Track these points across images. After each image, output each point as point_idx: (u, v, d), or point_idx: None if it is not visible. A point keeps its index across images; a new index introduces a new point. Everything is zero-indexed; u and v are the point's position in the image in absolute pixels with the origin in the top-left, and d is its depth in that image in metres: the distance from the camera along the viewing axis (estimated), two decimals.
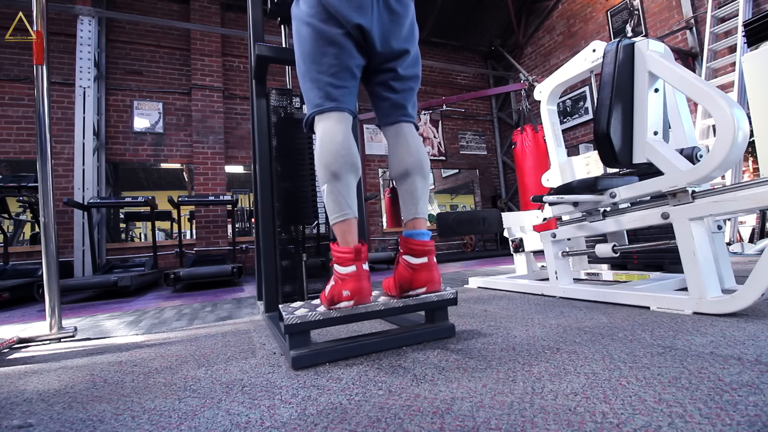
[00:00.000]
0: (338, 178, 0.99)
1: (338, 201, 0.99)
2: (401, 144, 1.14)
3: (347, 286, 0.95)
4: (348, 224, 0.98)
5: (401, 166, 1.13)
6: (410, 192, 1.11)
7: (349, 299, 0.95)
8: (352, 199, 1.01)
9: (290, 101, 1.70)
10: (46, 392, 0.93)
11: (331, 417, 0.68)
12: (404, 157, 1.13)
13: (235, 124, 5.79)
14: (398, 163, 1.13)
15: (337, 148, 1.00)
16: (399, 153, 1.14)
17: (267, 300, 1.49)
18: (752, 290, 1.10)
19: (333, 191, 0.99)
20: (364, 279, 0.97)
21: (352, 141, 1.04)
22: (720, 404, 0.60)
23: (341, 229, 0.98)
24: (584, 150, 5.69)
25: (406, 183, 1.12)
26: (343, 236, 0.98)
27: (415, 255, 1.03)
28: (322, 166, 1.01)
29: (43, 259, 1.57)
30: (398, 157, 1.14)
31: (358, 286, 0.94)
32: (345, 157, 1.00)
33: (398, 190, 1.15)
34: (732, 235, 3.58)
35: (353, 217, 1.00)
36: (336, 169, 0.99)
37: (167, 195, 4.58)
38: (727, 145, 1.18)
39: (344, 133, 1.03)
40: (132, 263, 4.41)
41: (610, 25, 5.63)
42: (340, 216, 0.99)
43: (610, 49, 1.50)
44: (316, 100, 1.06)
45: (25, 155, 4.70)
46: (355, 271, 0.95)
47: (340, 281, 0.96)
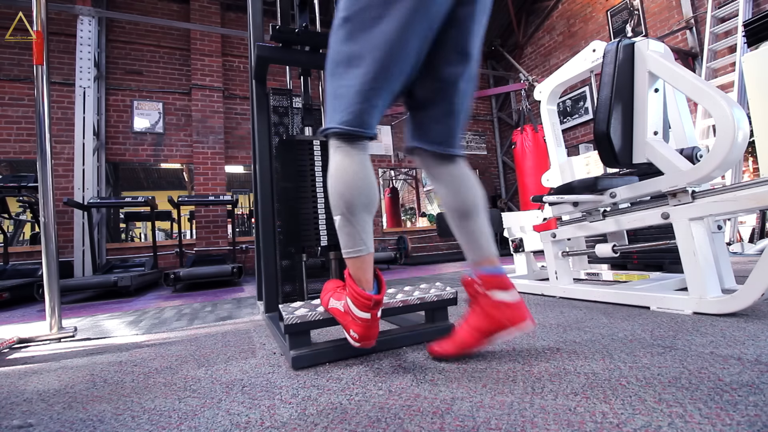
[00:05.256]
0: (355, 212, 0.89)
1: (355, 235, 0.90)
2: (465, 179, 1.03)
3: (357, 329, 0.90)
4: (363, 260, 0.90)
5: (466, 203, 1.01)
6: (481, 231, 1.02)
7: (356, 340, 0.92)
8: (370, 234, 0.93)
9: (290, 101, 1.70)
10: (46, 392, 0.93)
11: (331, 417, 0.68)
12: (470, 192, 1.02)
13: (235, 124, 5.79)
14: (462, 201, 1.01)
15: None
16: (462, 189, 1.02)
17: (267, 300, 1.49)
18: (752, 290, 1.10)
19: (351, 224, 0.90)
20: (374, 327, 0.91)
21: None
22: (720, 404, 0.60)
23: (356, 265, 0.90)
24: (584, 150, 5.69)
25: (475, 222, 1.01)
26: (357, 272, 0.90)
27: (507, 289, 0.94)
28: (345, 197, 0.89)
29: (43, 259, 1.57)
30: (462, 194, 1.01)
31: (367, 333, 0.91)
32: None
33: (460, 228, 1.03)
34: (732, 235, 3.58)
35: (369, 253, 0.91)
36: (360, 202, 0.89)
37: (167, 195, 4.58)
38: (727, 145, 1.18)
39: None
40: (132, 263, 4.41)
41: (610, 25, 5.63)
42: (356, 252, 0.90)
43: (610, 49, 1.50)
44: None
45: (25, 155, 4.70)
46: (369, 320, 0.89)
47: (351, 318, 0.91)
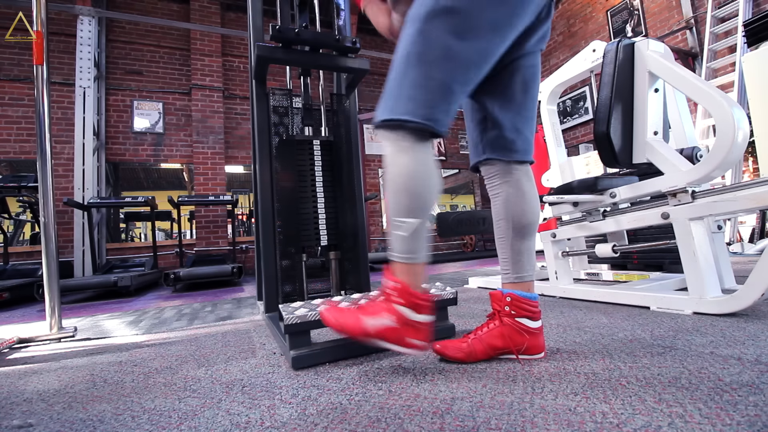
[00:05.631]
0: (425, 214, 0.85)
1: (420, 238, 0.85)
2: (527, 190, 0.98)
3: (421, 335, 0.85)
4: (422, 266, 0.87)
5: (524, 220, 0.96)
6: (529, 250, 0.98)
7: (417, 348, 0.85)
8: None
9: (290, 101, 1.70)
10: (46, 392, 0.93)
11: (331, 417, 0.68)
12: (528, 207, 0.97)
13: (235, 124, 5.79)
14: (520, 215, 0.96)
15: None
16: (520, 203, 0.97)
17: (267, 300, 1.49)
18: (752, 290, 1.10)
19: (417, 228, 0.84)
20: (431, 328, 0.89)
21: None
22: (720, 404, 0.60)
23: (415, 271, 0.85)
24: (584, 150, 5.69)
25: (526, 240, 0.98)
26: (414, 278, 0.85)
27: (534, 319, 0.93)
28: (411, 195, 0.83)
29: (43, 259, 1.57)
30: (520, 207, 0.97)
31: (428, 336, 0.86)
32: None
33: (507, 243, 0.98)
34: (732, 235, 3.58)
35: (425, 261, 0.88)
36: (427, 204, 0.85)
37: (167, 195, 4.58)
38: (727, 145, 1.18)
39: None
40: (132, 263, 4.41)
41: (610, 25, 5.63)
42: (418, 257, 0.85)
43: (610, 49, 1.50)
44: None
45: (25, 155, 4.70)
46: (431, 321, 0.87)
47: (411, 327, 0.84)
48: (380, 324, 0.84)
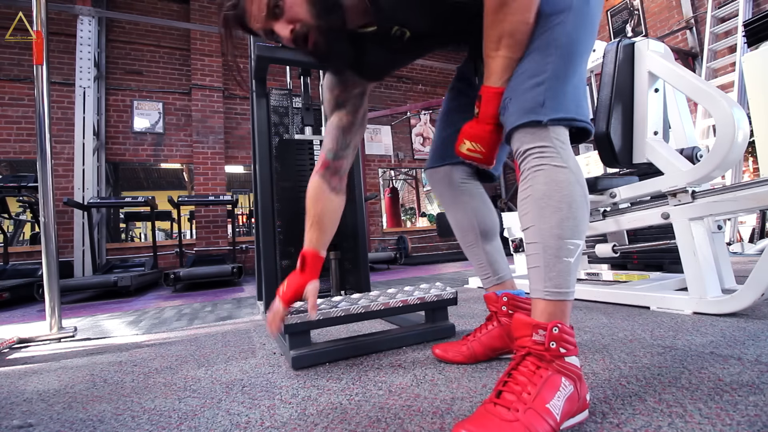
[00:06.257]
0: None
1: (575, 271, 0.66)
2: (486, 198, 0.98)
3: (584, 392, 0.60)
4: (572, 304, 0.66)
5: (489, 224, 0.97)
6: (500, 250, 1.00)
7: (584, 410, 0.60)
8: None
9: (290, 101, 1.70)
10: (46, 392, 0.93)
11: (331, 417, 0.68)
12: (491, 213, 0.98)
13: (235, 124, 5.79)
14: (486, 221, 0.97)
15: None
16: (485, 210, 0.98)
17: (267, 300, 1.49)
18: (752, 290, 1.10)
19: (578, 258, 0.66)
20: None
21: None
22: (720, 404, 0.60)
23: (569, 308, 0.64)
24: (584, 150, 5.68)
25: (495, 240, 0.99)
26: (564, 316, 0.63)
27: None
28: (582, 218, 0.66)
29: (43, 259, 1.57)
30: (484, 213, 0.97)
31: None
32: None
33: (480, 249, 0.99)
34: (732, 235, 3.58)
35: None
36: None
37: (167, 195, 4.58)
38: (727, 145, 1.18)
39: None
40: (132, 263, 4.41)
41: (610, 25, 5.63)
42: (571, 293, 0.64)
43: (610, 49, 1.50)
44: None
45: (25, 155, 4.70)
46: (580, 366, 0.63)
47: (574, 378, 0.59)
48: (564, 401, 0.56)
